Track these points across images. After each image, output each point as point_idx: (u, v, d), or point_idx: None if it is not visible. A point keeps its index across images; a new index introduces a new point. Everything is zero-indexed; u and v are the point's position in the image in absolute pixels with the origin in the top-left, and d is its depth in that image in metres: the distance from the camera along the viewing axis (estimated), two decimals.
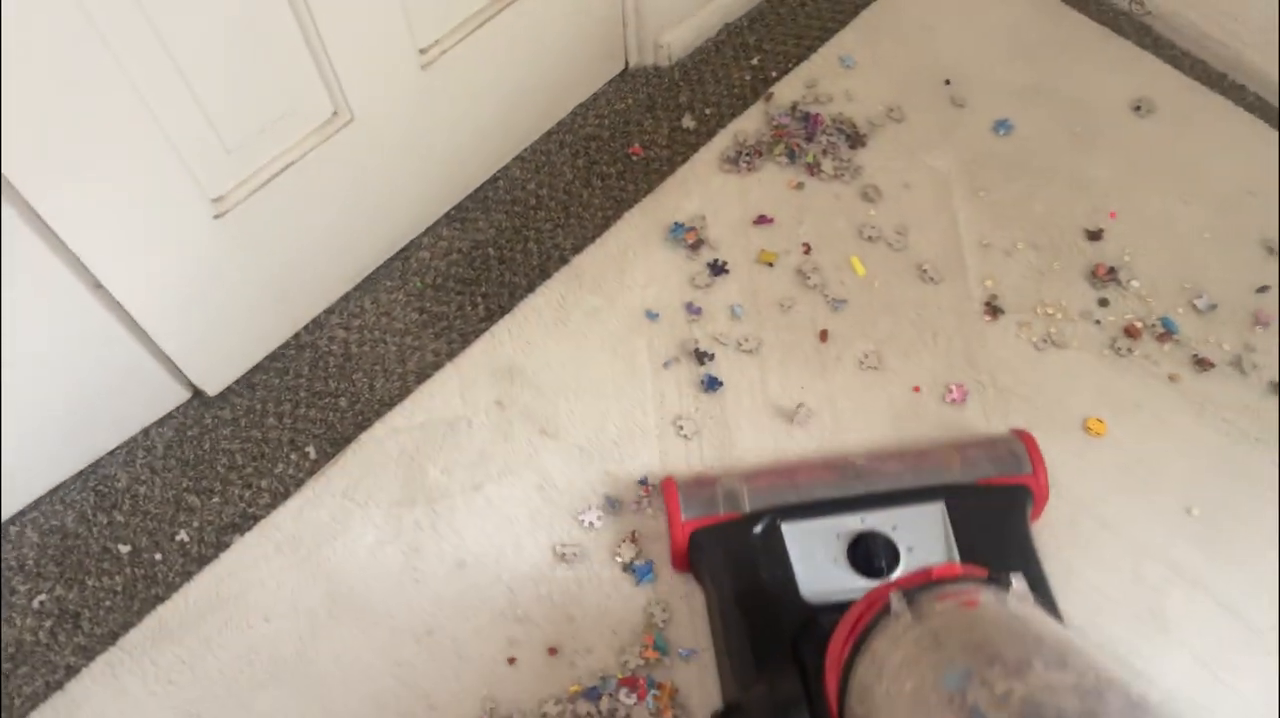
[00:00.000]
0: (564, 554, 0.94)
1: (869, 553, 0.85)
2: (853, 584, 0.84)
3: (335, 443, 1.02)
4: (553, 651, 0.91)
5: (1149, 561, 0.92)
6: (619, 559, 0.94)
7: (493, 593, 0.93)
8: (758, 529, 0.86)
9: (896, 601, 0.68)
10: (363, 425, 1.02)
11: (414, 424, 1.02)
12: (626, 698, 0.88)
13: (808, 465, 0.92)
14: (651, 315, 1.06)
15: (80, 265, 0.84)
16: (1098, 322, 1.04)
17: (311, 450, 1.02)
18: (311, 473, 1.00)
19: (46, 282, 0.83)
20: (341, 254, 1.06)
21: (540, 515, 0.97)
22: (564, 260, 1.10)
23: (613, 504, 0.97)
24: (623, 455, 0.99)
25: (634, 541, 0.95)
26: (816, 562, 0.85)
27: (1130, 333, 1.03)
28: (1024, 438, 0.92)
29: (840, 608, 0.76)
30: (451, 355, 1.06)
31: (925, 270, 1.07)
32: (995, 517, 0.87)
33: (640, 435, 1.00)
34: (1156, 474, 0.96)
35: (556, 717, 0.87)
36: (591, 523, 0.96)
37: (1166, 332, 1.03)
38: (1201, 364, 1.01)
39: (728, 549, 0.86)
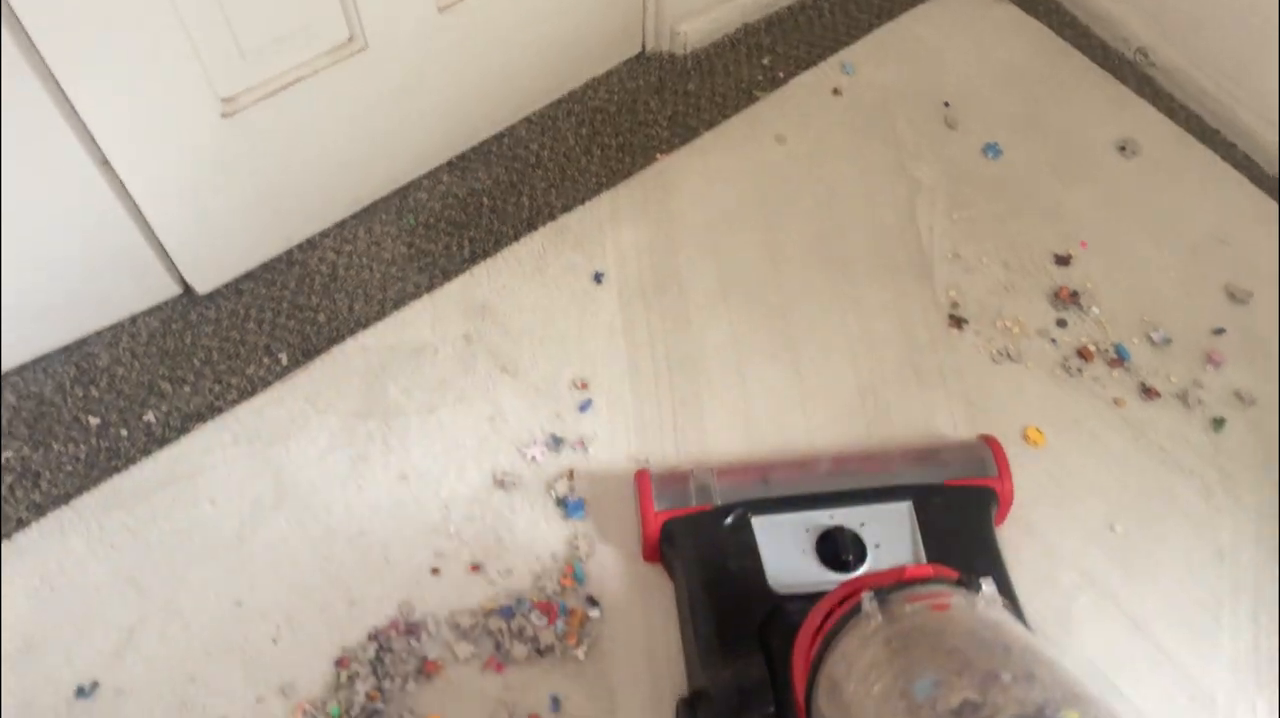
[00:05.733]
0: (503, 481, 0.98)
1: (836, 547, 0.86)
2: (820, 577, 0.85)
3: (307, 353, 1.07)
4: (475, 568, 0.94)
5: (1065, 567, 0.94)
6: (554, 493, 0.98)
7: (428, 508, 0.97)
8: (728, 521, 0.88)
9: (868, 601, 0.69)
10: (335, 340, 1.07)
11: (383, 345, 1.06)
12: (538, 620, 0.91)
13: (779, 463, 0.94)
14: (624, 279, 1.10)
15: (90, 139, 0.90)
16: (1054, 340, 1.07)
17: (284, 357, 1.07)
18: (280, 377, 1.05)
19: (57, 150, 0.89)
20: (342, 180, 1.12)
21: (487, 444, 1.01)
22: (552, 217, 1.15)
23: (556, 443, 1.00)
24: (574, 401, 1.03)
25: (570, 478, 0.98)
26: (785, 554, 0.87)
27: (1083, 355, 1.06)
28: (990, 443, 0.94)
29: (807, 599, 0.79)
30: (430, 289, 1.10)
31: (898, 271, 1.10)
32: (961, 518, 0.89)
33: (594, 386, 1.04)
34: (1086, 488, 0.99)
35: (469, 628, 0.91)
36: (534, 457, 1.00)
37: (1119, 358, 1.05)
38: (1148, 393, 1.04)
39: (698, 539, 0.88)
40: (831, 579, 0.85)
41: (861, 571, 0.86)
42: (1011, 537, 0.95)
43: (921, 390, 1.04)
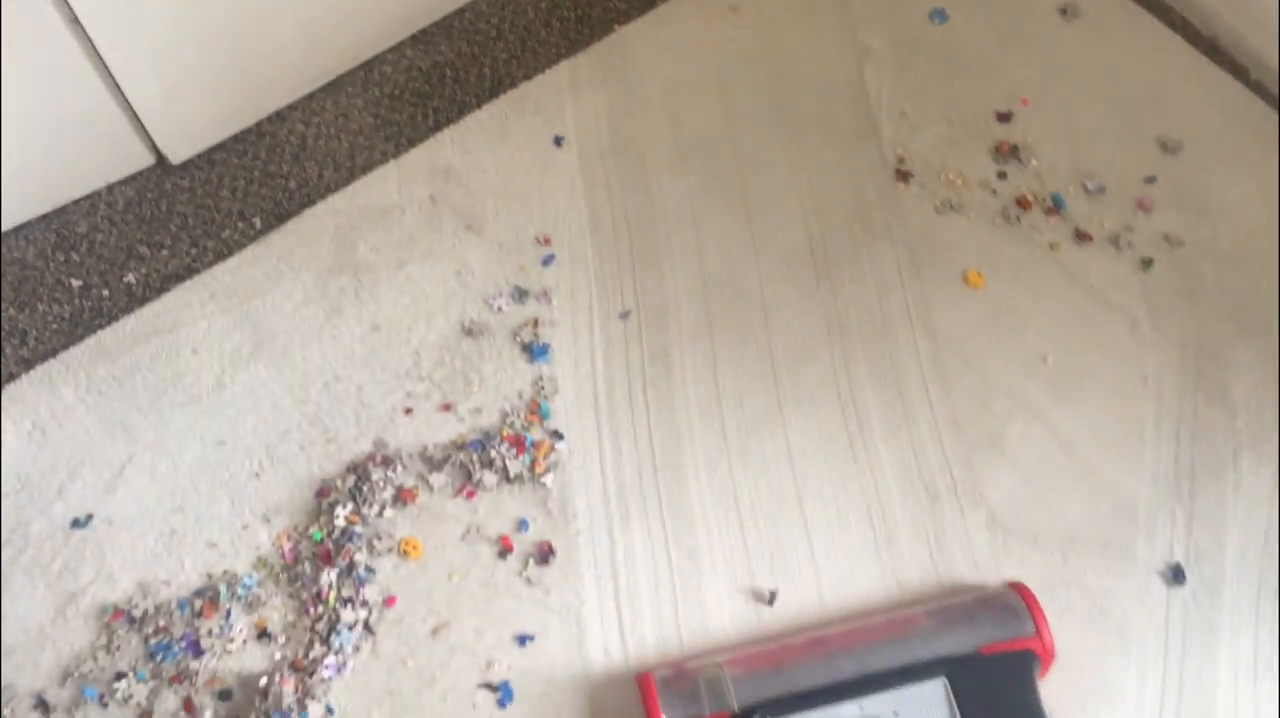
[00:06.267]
0: (470, 330, 1.03)
1: None
2: None
3: (280, 217, 1.11)
4: (446, 407, 1.00)
5: (1000, 394, 1.01)
6: (519, 339, 1.03)
7: (400, 354, 1.02)
8: None
9: None
10: (306, 204, 1.11)
11: (353, 207, 1.11)
12: (507, 452, 0.96)
13: (790, 647, 0.85)
14: (584, 143, 1.14)
15: None
16: (994, 191, 1.12)
17: (258, 221, 1.11)
18: (254, 240, 1.09)
19: (26, 7, 0.92)
20: (309, 54, 1.15)
21: (455, 296, 1.06)
22: (513, 85, 1.19)
23: (520, 294, 1.06)
24: (537, 255, 1.08)
25: (535, 326, 1.04)
26: None
27: (1022, 204, 1.11)
28: (1021, 592, 0.86)
29: None
30: (396, 155, 1.14)
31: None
32: (1002, 690, 0.81)
33: (556, 242, 1.09)
34: (1021, 324, 1.04)
35: (440, 459, 0.96)
36: (500, 308, 1.05)
37: (1055, 207, 1.11)
38: (1081, 238, 1.09)
39: None
40: None
41: None
42: (950, 369, 1.02)
43: (869, 240, 1.09)
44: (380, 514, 0.94)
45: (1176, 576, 0.92)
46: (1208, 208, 1.10)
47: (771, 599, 0.91)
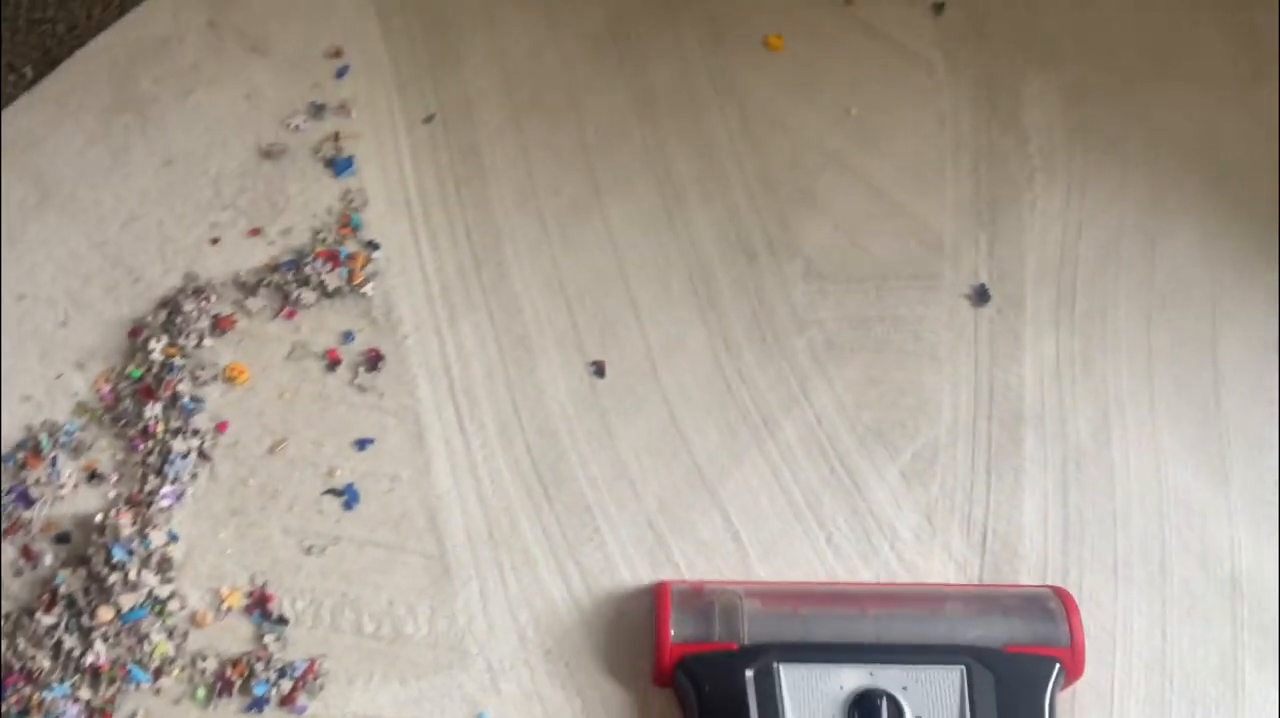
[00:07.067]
0: (269, 152, 1.00)
1: (872, 714, 0.75)
2: None
3: (51, 64, 1.04)
4: (254, 231, 0.97)
5: (808, 149, 1.02)
6: (321, 156, 1.00)
7: (198, 185, 0.99)
8: (751, 671, 0.77)
9: None
10: (78, 46, 1.05)
11: (127, 41, 1.05)
12: (322, 267, 0.95)
13: (813, 595, 0.83)
14: None
15: None
16: None
17: (29, 71, 1.04)
18: (27, 89, 1.03)
19: None
20: None
21: (248, 120, 1.02)
22: None
23: (318, 110, 1.02)
24: (330, 69, 1.04)
25: (336, 140, 1.01)
26: (811, 712, 0.76)
27: None
28: (1063, 597, 0.81)
29: None
30: None
31: None
32: (1019, 693, 0.77)
33: (349, 51, 1.05)
34: (823, 81, 1.06)
35: (255, 283, 0.94)
36: (297, 126, 1.01)
37: None
38: None
39: (716, 683, 0.77)
40: None
41: None
42: (757, 132, 1.03)
43: (668, 13, 1.08)
44: (199, 345, 0.92)
45: (981, 295, 0.96)
46: None
47: (601, 371, 0.92)
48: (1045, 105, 1.05)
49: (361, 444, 0.89)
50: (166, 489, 0.86)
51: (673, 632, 0.78)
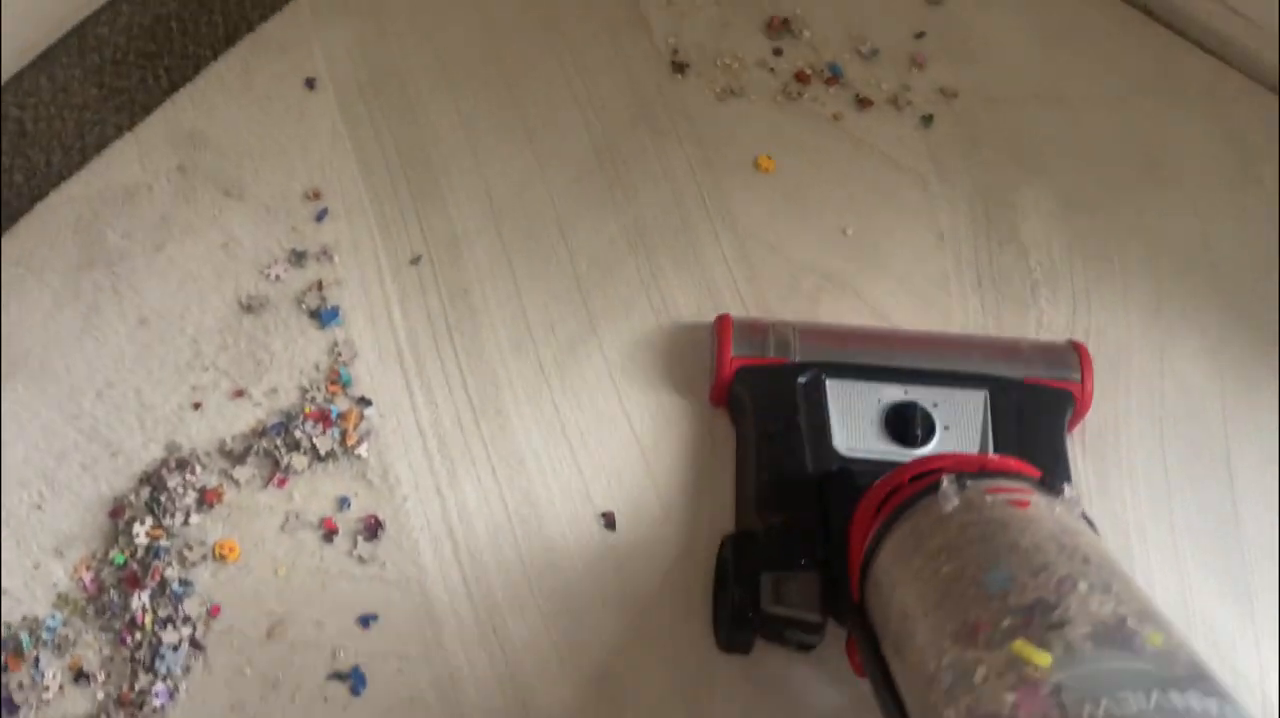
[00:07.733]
0: (249, 305, 0.95)
1: (906, 421, 0.86)
2: (885, 448, 0.85)
3: (10, 218, 0.99)
4: (239, 393, 0.92)
5: (806, 273, 1.00)
6: (305, 306, 0.96)
7: (177, 346, 0.94)
8: (802, 379, 0.88)
9: (947, 483, 0.68)
10: (38, 198, 1.00)
11: (91, 193, 1.00)
12: (312, 429, 0.90)
13: (856, 334, 0.93)
14: (338, 80, 1.05)
15: None
16: (772, 70, 1.10)
17: None
18: None
19: None
20: (9, 30, 1.01)
21: (225, 271, 0.97)
22: (250, 29, 1.08)
23: (298, 257, 0.98)
24: (309, 212, 1.00)
25: (319, 289, 0.97)
26: (853, 420, 0.86)
27: (801, 79, 1.09)
28: (1078, 348, 0.92)
29: (870, 465, 0.80)
30: (132, 126, 1.03)
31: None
32: (1035, 417, 0.88)
33: (328, 193, 1.01)
34: (817, 200, 1.04)
35: (242, 451, 0.90)
36: (278, 275, 0.97)
37: (834, 76, 1.09)
38: (862, 103, 1.08)
39: (769, 389, 0.88)
40: (895, 452, 0.85)
41: (928, 449, 0.86)
42: (754, 257, 1.00)
43: (655, 139, 1.06)
44: (186, 523, 0.87)
45: None
46: (975, 54, 1.11)
47: (611, 523, 0.89)
48: (1042, 216, 1.03)
49: (365, 621, 0.85)
50: (159, 687, 0.81)
51: (733, 350, 0.89)
